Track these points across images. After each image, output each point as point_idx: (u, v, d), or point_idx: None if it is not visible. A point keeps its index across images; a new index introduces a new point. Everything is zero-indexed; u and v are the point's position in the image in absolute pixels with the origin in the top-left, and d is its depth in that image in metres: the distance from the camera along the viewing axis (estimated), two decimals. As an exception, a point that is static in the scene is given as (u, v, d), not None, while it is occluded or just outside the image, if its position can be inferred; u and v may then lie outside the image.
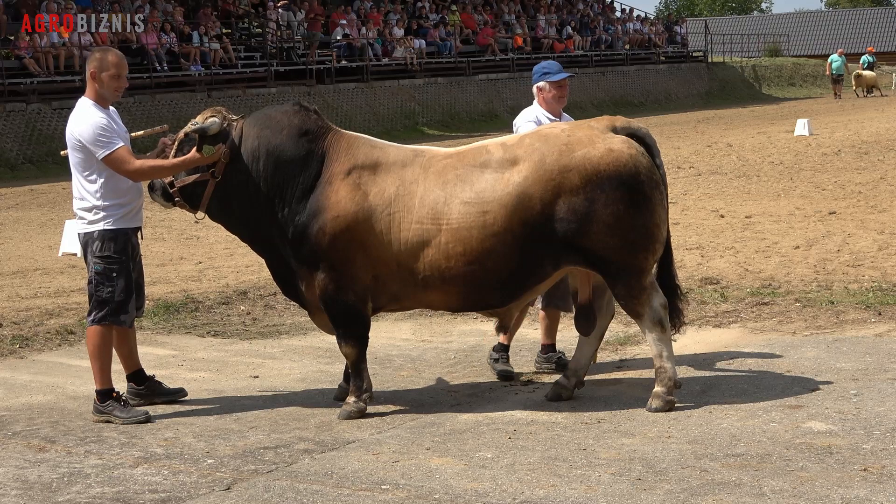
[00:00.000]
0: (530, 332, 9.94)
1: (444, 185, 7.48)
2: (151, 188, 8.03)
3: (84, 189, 7.75)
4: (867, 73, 52.87)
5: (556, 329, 8.78)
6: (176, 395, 8.19)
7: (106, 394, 7.75)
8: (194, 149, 7.68)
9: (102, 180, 7.67)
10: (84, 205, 7.76)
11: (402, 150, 7.78)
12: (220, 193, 7.77)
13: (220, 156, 7.66)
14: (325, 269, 7.56)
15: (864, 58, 55.49)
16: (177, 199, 7.92)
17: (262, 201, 7.68)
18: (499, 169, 7.46)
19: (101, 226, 7.71)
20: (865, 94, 51.96)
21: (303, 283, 7.73)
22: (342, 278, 7.56)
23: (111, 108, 7.93)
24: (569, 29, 49.73)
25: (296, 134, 7.66)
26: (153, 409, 7.91)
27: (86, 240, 7.81)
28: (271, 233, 7.72)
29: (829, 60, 53.15)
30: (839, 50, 55.37)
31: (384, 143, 7.85)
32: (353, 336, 7.69)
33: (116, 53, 7.97)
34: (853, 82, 52.48)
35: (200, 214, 7.97)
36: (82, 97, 7.84)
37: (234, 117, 7.86)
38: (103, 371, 7.77)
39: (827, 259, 12.49)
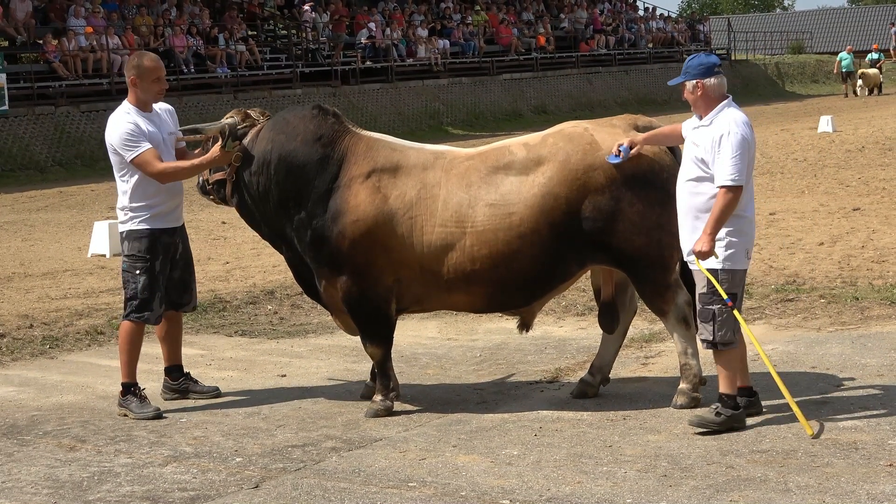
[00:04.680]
0: (555, 329, 9.98)
1: (467, 187, 7.48)
2: (197, 184, 8.21)
3: (119, 190, 8.00)
4: (871, 71, 52.24)
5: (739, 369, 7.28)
6: (210, 394, 8.28)
7: (127, 387, 7.89)
8: (213, 149, 7.82)
9: (133, 182, 7.89)
10: (119, 204, 8.03)
11: (423, 153, 7.75)
12: (238, 193, 7.86)
13: (233, 157, 7.76)
14: (347, 272, 7.57)
15: (870, 55, 54.82)
16: (210, 195, 8.10)
17: (274, 204, 7.72)
18: (523, 170, 7.46)
19: (129, 226, 7.95)
20: (869, 92, 51.11)
21: (321, 285, 7.77)
22: (364, 281, 7.57)
23: (164, 107, 8.12)
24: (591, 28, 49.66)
25: (311, 139, 7.66)
26: (183, 407, 8.01)
27: (120, 238, 8.07)
28: (288, 234, 7.78)
29: (838, 58, 52.64)
30: (848, 47, 54.90)
31: (404, 144, 7.83)
32: (378, 337, 7.72)
33: (151, 57, 8.13)
34: (859, 80, 51.67)
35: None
36: (124, 101, 8.02)
37: (259, 118, 7.91)
38: (127, 365, 7.94)
39: (851, 255, 12.47)
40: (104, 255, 14.96)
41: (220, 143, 7.78)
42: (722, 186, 6.81)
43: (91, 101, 29.81)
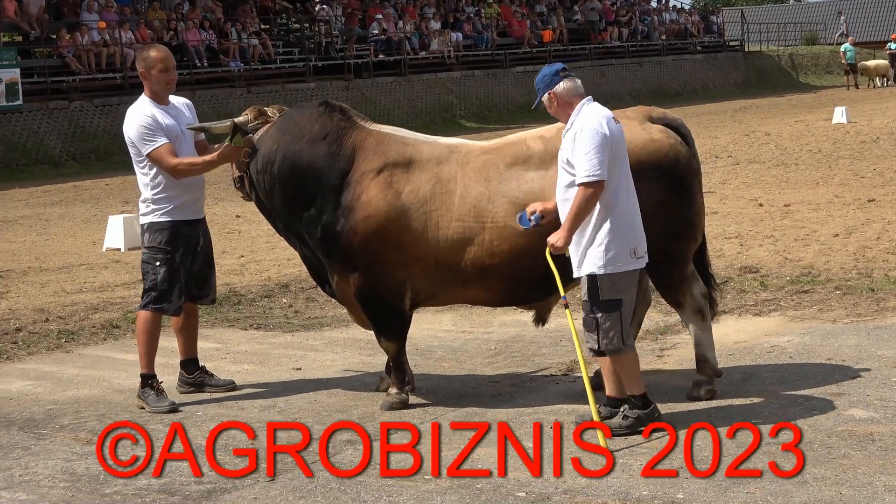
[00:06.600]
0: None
1: (486, 181, 7.44)
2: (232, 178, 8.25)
3: (140, 182, 8.04)
4: (871, 63, 51.72)
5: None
6: (225, 387, 8.30)
7: (145, 379, 7.95)
8: (223, 145, 7.86)
9: (153, 174, 7.95)
10: (141, 197, 8.08)
11: (436, 147, 7.69)
12: (253, 188, 7.87)
13: (241, 154, 7.78)
14: (360, 268, 7.55)
15: (889, 45, 54.26)
16: (239, 191, 8.13)
17: (280, 202, 7.72)
18: (542, 164, 7.41)
19: (150, 218, 7.99)
20: (876, 84, 50.64)
21: (333, 281, 7.76)
22: (377, 277, 7.55)
23: (181, 101, 8.17)
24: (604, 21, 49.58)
25: (316, 139, 7.62)
26: (199, 400, 8.05)
27: (141, 230, 8.11)
28: (299, 230, 7.78)
29: (842, 50, 52.35)
30: (850, 39, 54.60)
31: (416, 138, 7.78)
32: (392, 332, 7.72)
33: (159, 48, 8.20)
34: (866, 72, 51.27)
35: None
36: (141, 94, 8.04)
37: (275, 115, 7.90)
38: (145, 356, 7.98)
39: (867, 246, 12.44)
40: (119, 249, 15.00)
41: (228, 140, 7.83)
42: (580, 183, 6.66)
43: (104, 95, 29.90)
